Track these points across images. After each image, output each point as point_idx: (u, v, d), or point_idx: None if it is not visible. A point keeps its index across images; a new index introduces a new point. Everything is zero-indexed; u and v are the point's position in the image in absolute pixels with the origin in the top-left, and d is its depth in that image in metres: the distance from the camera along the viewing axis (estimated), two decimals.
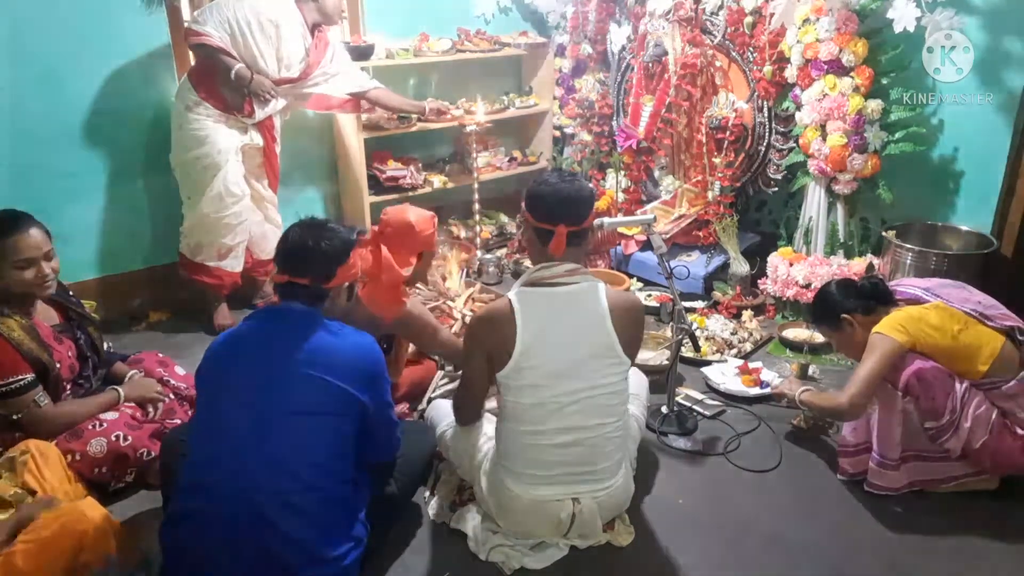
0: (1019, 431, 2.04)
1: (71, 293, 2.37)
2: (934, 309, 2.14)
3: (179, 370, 2.54)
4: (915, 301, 2.22)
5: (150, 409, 2.32)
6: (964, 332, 2.08)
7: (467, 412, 2.10)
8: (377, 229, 2.34)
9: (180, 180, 3.20)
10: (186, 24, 3.16)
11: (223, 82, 3.07)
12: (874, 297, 2.26)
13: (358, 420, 1.74)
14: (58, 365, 2.14)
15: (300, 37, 3.20)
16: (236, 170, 3.18)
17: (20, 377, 2.02)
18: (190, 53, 3.23)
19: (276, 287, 1.81)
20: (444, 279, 3.42)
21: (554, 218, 1.87)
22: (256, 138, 3.27)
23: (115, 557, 1.69)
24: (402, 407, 2.56)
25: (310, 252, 1.77)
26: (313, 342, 1.71)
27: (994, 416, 2.04)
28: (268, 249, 3.41)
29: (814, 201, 3.34)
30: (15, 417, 2.04)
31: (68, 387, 2.23)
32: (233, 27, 3.02)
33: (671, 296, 2.59)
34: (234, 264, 3.29)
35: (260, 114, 3.19)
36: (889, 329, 2.09)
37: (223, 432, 1.66)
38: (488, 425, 2.12)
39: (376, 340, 1.84)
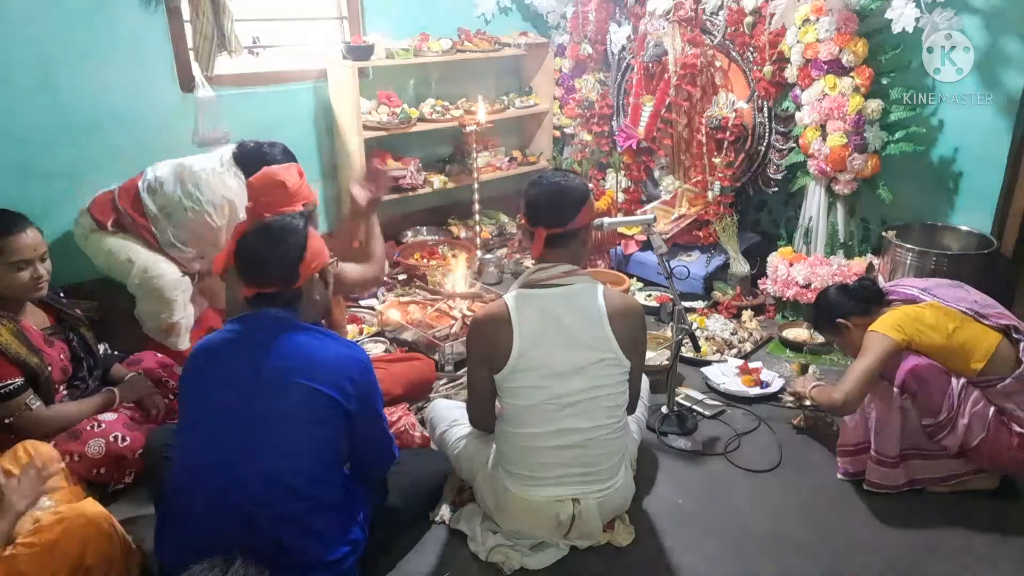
0: (1016, 428, 2.05)
1: (62, 295, 2.36)
2: (929, 308, 2.16)
3: (179, 371, 2.53)
4: (912, 301, 2.24)
5: (153, 411, 2.32)
6: (959, 330, 2.09)
7: (479, 419, 2.07)
8: (250, 205, 2.23)
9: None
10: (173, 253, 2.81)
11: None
12: (867, 299, 2.29)
13: (346, 427, 1.71)
14: (49, 368, 2.12)
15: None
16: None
17: (9, 382, 2.01)
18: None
19: (247, 300, 1.74)
20: (446, 280, 3.43)
21: (535, 220, 1.87)
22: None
23: (118, 561, 1.69)
24: (401, 407, 2.55)
25: (266, 260, 1.70)
26: (295, 348, 1.67)
27: (991, 413, 2.05)
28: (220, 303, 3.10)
29: (814, 201, 3.34)
30: (7, 421, 2.03)
31: (63, 389, 2.22)
32: (226, 212, 2.79)
33: (671, 296, 2.59)
34: (178, 343, 2.87)
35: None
36: (885, 328, 2.12)
37: (211, 444, 1.64)
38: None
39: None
